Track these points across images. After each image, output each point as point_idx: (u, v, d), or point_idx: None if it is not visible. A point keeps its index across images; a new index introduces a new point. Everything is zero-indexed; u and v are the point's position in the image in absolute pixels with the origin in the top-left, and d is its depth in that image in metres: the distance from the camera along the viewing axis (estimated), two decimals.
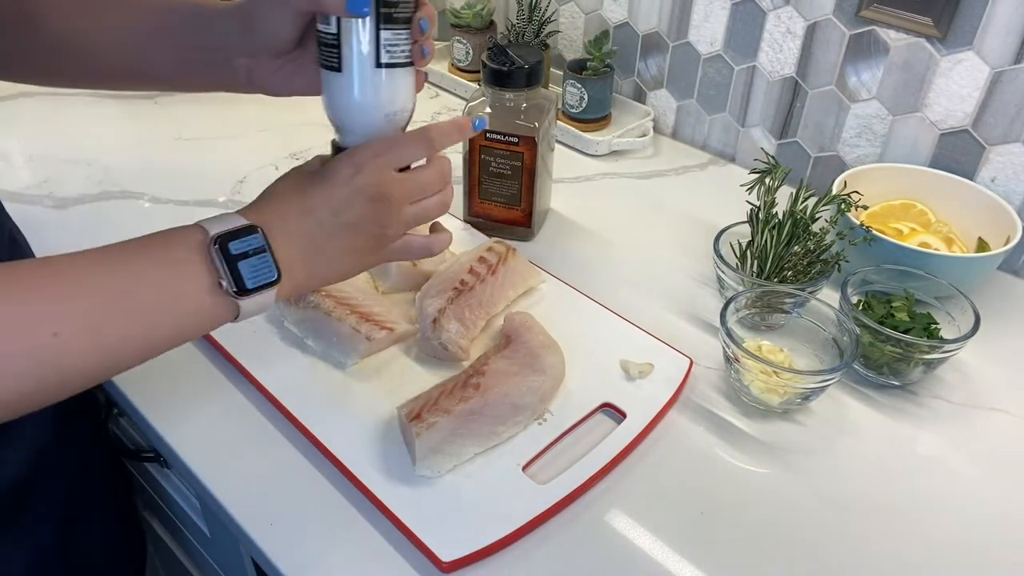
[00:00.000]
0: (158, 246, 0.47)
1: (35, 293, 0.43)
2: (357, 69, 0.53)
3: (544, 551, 0.56)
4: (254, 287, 0.48)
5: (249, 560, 0.71)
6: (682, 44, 1.03)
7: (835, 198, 0.76)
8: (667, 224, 0.92)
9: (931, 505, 0.61)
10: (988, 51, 0.79)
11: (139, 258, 0.47)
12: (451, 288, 0.71)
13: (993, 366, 0.74)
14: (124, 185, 0.95)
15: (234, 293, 0.48)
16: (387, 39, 0.53)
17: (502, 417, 0.62)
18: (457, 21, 1.14)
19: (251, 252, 0.48)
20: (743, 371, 0.67)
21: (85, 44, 0.60)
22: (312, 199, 0.52)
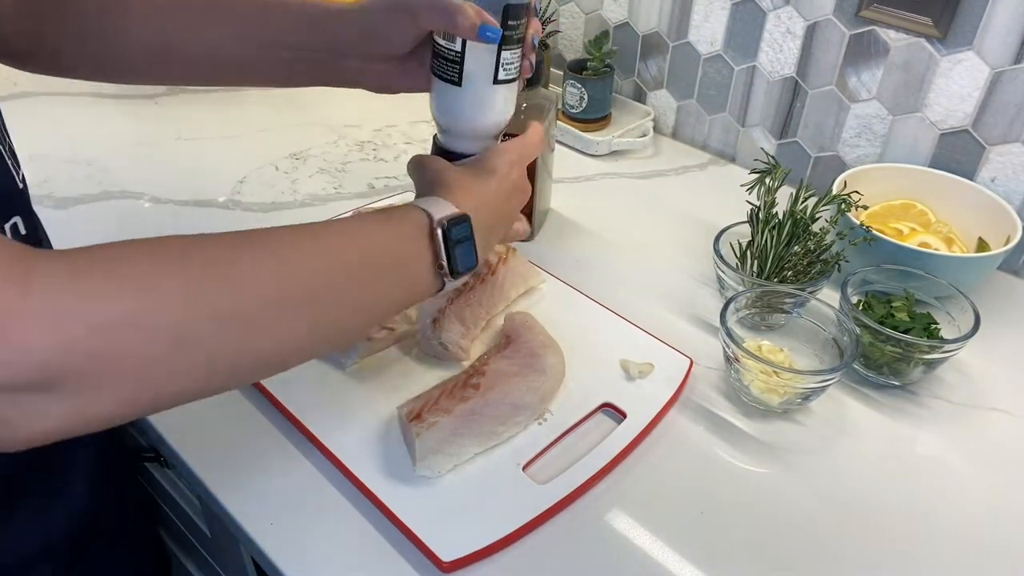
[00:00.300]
0: (393, 223, 0.50)
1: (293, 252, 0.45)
2: (476, 86, 0.56)
3: (544, 551, 0.56)
4: (463, 270, 0.52)
5: (249, 560, 0.71)
6: (682, 44, 1.03)
7: (835, 198, 0.76)
8: (667, 224, 0.92)
9: (931, 505, 0.61)
10: (988, 51, 0.79)
11: (377, 231, 0.50)
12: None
13: (993, 366, 0.74)
14: (124, 185, 0.95)
15: (448, 274, 0.51)
16: (505, 59, 0.56)
17: (502, 417, 0.62)
18: None
19: (464, 239, 0.52)
20: (743, 371, 0.67)
21: (187, 49, 0.62)
22: (487, 192, 0.56)
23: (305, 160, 1.01)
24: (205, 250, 0.41)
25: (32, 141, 1.02)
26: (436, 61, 0.57)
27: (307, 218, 0.87)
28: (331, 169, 0.99)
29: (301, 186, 0.96)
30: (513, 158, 0.59)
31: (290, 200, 0.93)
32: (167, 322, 0.38)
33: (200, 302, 0.39)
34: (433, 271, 0.51)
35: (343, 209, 0.88)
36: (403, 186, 0.96)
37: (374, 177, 0.98)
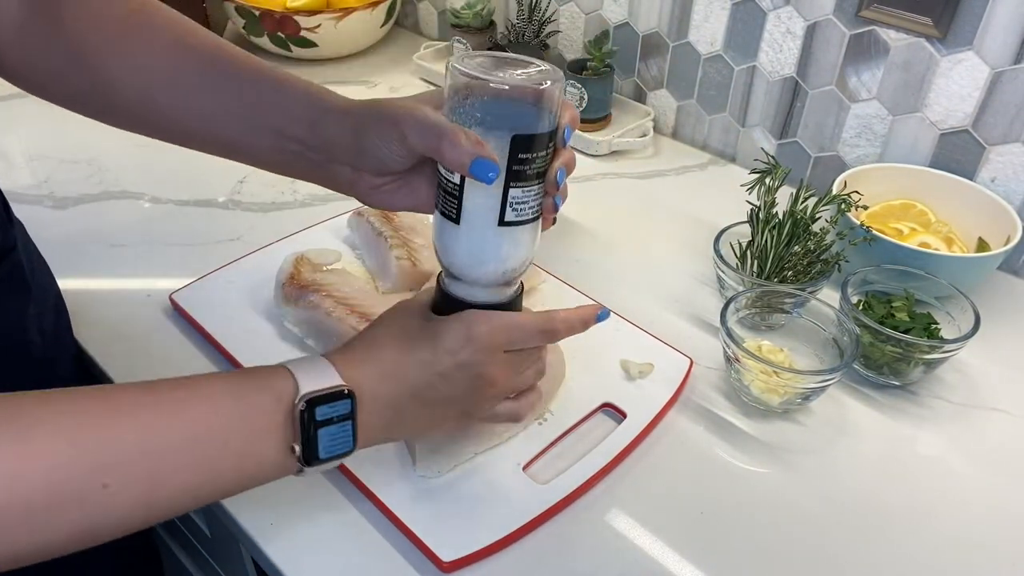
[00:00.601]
0: (249, 391, 0.44)
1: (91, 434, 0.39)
2: (478, 227, 0.48)
3: (544, 551, 0.56)
4: (326, 457, 0.45)
5: (249, 560, 0.71)
6: (682, 44, 1.03)
7: (835, 198, 0.76)
8: (667, 224, 0.92)
9: (931, 505, 0.61)
10: (988, 51, 0.79)
11: (224, 400, 0.43)
12: None
13: (993, 366, 0.74)
14: (124, 185, 0.95)
15: (303, 461, 0.44)
16: (515, 197, 0.47)
17: None
18: (457, 21, 1.14)
19: (335, 419, 0.45)
20: (743, 371, 0.67)
21: (178, 118, 0.55)
22: (412, 363, 0.48)
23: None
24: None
25: (32, 141, 1.02)
26: (438, 192, 0.49)
27: (307, 218, 0.87)
28: None
29: (301, 186, 0.96)
30: (476, 334, 0.48)
31: (290, 200, 0.93)
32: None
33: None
34: (284, 454, 0.44)
35: (343, 209, 0.88)
36: None
37: None
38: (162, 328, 0.74)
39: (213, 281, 0.77)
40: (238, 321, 0.72)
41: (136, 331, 0.73)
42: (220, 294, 0.75)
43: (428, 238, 0.80)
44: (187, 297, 0.74)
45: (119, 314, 0.75)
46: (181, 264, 0.81)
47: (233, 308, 0.74)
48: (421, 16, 1.37)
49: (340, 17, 1.18)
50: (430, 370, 0.49)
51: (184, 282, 0.76)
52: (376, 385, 0.47)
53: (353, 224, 0.83)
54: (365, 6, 1.20)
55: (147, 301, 0.76)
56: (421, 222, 0.82)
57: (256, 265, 0.78)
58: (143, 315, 0.75)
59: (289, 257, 0.75)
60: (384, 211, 0.82)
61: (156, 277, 0.80)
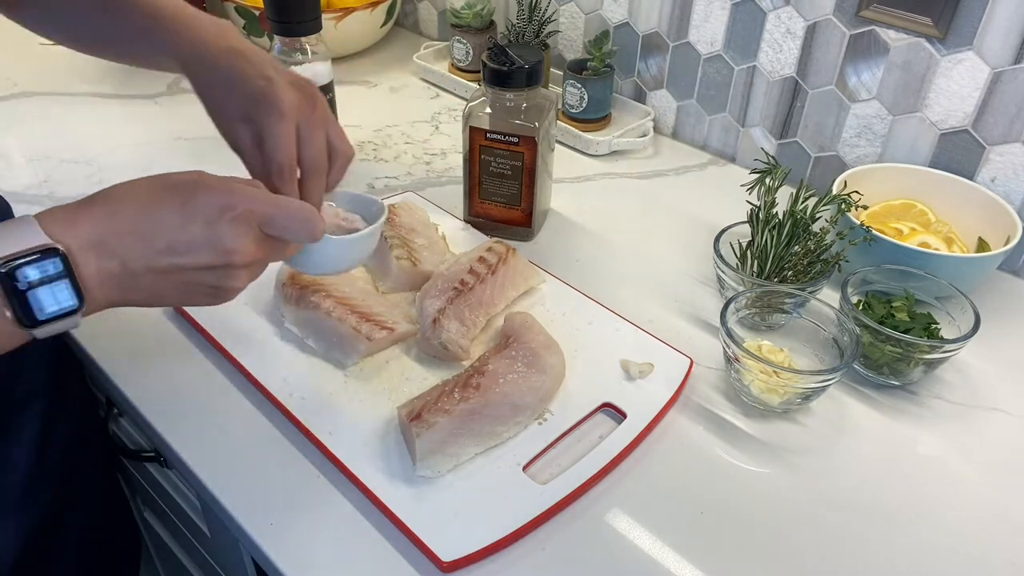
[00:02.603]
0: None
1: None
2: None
3: (544, 551, 0.56)
4: (46, 318, 0.44)
5: (249, 560, 0.71)
6: (682, 44, 1.03)
7: (835, 198, 0.76)
8: (667, 224, 0.92)
9: (931, 505, 0.61)
10: (988, 51, 0.79)
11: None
12: (451, 288, 0.71)
13: (993, 366, 0.74)
14: None
15: (22, 325, 0.43)
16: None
17: (502, 417, 0.62)
18: (457, 21, 1.14)
19: (47, 279, 0.43)
20: (743, 371, 0.67)
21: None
22: (151, 224, 0.47)
23: None
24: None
25: (32, 141, 1.02)
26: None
27: None
28: None
29: None
30: (234, 203, 0.48)
31: None
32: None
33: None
34: (2, 319, 0.43)
35: None
36: (403, 186, 0.96)
37: (374, 177, 0.98)
38: (162, 328, 0.74)
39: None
40: (238, 321, 0.72)
41: (136, 331, 0.73)
42: None
43: (428, 238, 0.80)
44: None
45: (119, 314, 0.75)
46: None
47: (233, 308, 0.74)
48: (421, 16, 1.37)
49: (340, 17, 1.18)
50: (174, 235, 0.47)
51: None
52: (100, 237, 0.45)
53: None
54: (365, 6, 1.20)
55: None
56: (421, 222, 0.82)
57: None
58: (143, 315, 0.75)
59: None
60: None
61: None
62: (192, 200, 0.48)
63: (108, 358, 0.70)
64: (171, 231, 0.47)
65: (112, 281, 0.46)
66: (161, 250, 0.47)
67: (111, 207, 0.47)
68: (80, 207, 0.47)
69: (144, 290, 0.48)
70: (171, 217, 0.47)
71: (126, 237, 0.46)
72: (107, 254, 0.45)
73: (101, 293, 0.46)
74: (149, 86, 1.15)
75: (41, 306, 0.43)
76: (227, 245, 0.48)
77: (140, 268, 0.46)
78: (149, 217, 0.47)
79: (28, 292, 0.43)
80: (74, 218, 0.46)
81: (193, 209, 0.47)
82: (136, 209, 0.47)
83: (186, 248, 0.47)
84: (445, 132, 1.09)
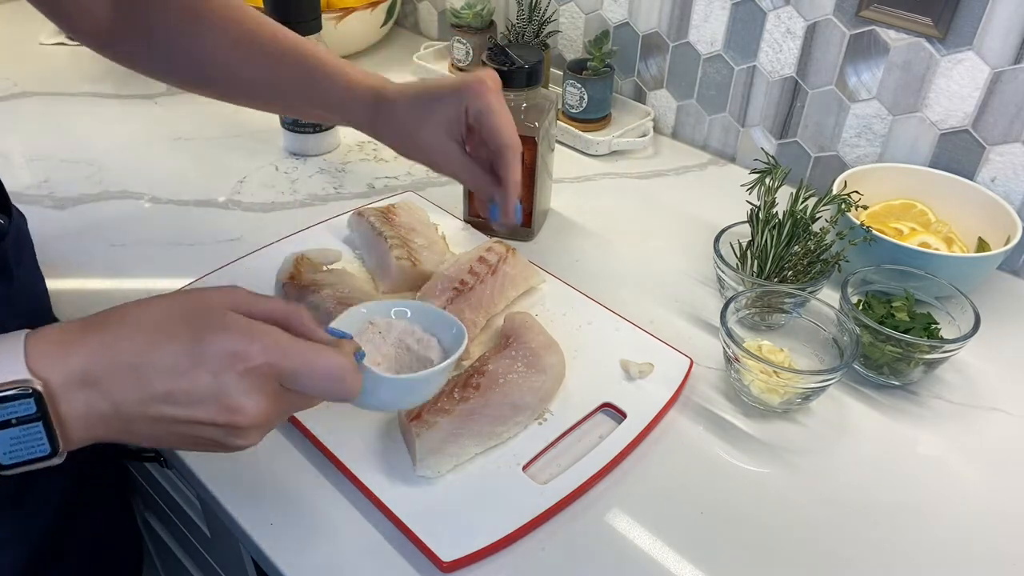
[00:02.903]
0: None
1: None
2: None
3: (544, 551, 0.56)
4: (10, 464, 0.39)
5: (249, 560, 0.71)
6: (682, 44, 1.03)
7: (835, 198, 0.76)
8: (667, 224, 0.92)
9: (931, 505, 0.61)
10: (988, 51, 0.79)
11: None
12: (451, 288, 0.71)
13: (993, 366, 0.74)
14: (124, 185, 0.95)
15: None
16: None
17: (502, 417, 0.62)
18: (457, 21, 1.14)
19: (15, 421, 0.38)
20: (743, 371, 0.67)
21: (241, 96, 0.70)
22: (152, 362, 0.41)
23: (305, 160, 1.01)
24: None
25: (32, 141, 1.02)
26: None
27: (307, 218, 0.87)
28: (331, 169, 0.99)
29: (301, 186, 0.96)
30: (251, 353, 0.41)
31: (290, 200, 0.93)
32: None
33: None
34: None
35: (343, 209, 0.88)
36: (403, 186, 0.96)
37: (374, 177, 0.98)
38: None
39: (213, 281, 0.76)
40: None
41: None
42: None
43: (428, 238, 0.80)
44: None
45: None
46: (181, 264, 0.81)
47: None
48: (421, 16, 1.37)
49: (340, 17, 1.18)
50: (178, 383, 0.41)
51: (184, 282, 0.76)
52: (88, 375, 0.40)
53: (353, 224, 0.83)
54: (365, 6, 1.20)
55: None
56: (421, 222, 0.82)
57: (256, 265, 0.78)
58: None
59: (289, 257, 0.75)
60: (384, 211, 0.82)
61: (156, 277, 0.80)
62: (203, 340, 0.41)
63: None
64: (172, 376, 0.41)
65: (100, 422, 0.41)
66: (158, 396, 0.41)
67: (112, 333, 0.41)
68: (79, 330, 0.41)
69: (137, 434, 0.43)
70: (175, 358, 0.41)
71: (122, 374, 0.40)
72: (98, 392, 0.40)
73: (85, 433, 0.41)
74: (149, 86, 1.15)
75: (4, 450, 0.39)
76: (233, 402, 0.41)
77: (134, 413, 0.41)
78: (151, 353, 0.41)
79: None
80: (67, 346, 0.40)
81: (202, 353, 0.41)
82: (140, 340, 0.41)
83: (186, 399, 0.41)
84: None
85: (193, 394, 0.41)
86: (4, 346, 0.39)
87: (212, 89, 0.70)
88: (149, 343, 0.41)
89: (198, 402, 0.41)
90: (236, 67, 0.67)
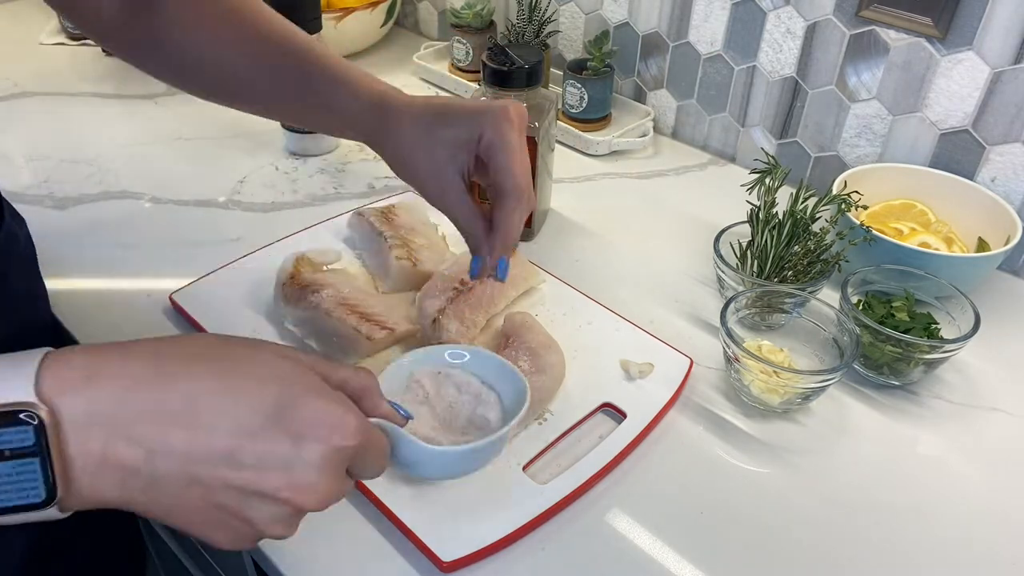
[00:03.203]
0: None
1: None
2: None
3: (544, 551, 0.56)
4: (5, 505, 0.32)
5: (249, 560, 0.71)
6: (682, 44, 1.03)
7: (835, 198, 0.76)
8: (667, 224, 0.92)
9: (931, 505, 0.61)
10: (988, 51, 0.79)
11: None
12: (451, 288, 0.71)
13: (993, 366, 0.74)
14: (124, 185, 0.95)
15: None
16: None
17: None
18: (457, 21, 1.14)
19: (8, 454, 0.31)
20: (743, 371, 0.67)
21: (243, 99, 0.66)
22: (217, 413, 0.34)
23: (305, 160, 1.01)
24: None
25: (32, 141, 1.02)
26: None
27: (307, 218, 0.87)
28: (331, 169, 0.99)
29: (301, 186, 0.96)
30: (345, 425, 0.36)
31: (290, 200, 0.93)
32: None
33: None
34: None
35: (343, 209, 0.88)
36: (403, 186, 0.96)
37: (374, 177, 0.98)
38: (162, 328, 0.74)
39: (213, 281, 0.77)
40: (238, 321, 0.72)
41: (136, 331, 0.73)
42: (220, 294, 0.75)
43: (428, 238, 0.80)
44: (187, 297, 0.74)
45: (119, 314, 0.75)
46: (181, 264, 0.81)
47: (233, 308, 0.74)
48: (421, 16, 1.37)
49: (340, 17, 1.18)
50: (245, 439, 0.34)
51: (184, 282, 0.76)
52: (113, 415, 0.33)
53: (353, 224, 0.83)
54: (365, 6, 1.20)
55: (147, 301, 0.76)
56: (421, 222, 0.82)
57: (256, 265, 0.78)
58: (143, 315, 0.75)
59: (289, 257, 0.75)
60: (384, 211, 0.82)
61: (156, 277, 0.80)
62: (294, 401, 0.35)
63: None
64: (241, 433, 0.34)
65: (116, 474, 0.34)
66: (214, 453, 0.34)
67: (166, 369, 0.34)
68: (117, 356, 0.34)
69: (156, 500, 0.35)
70: (251, 412, 0.34)
71: (168, 418, 0.34)
72: (126, 436, 0.33)
73: (92, 486, 0.33)
74: (149, 86, 1.15)
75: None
76: (308, 479, 0.35)
77: (170, 469, 0.34)
78: (219, 400, 0.34)
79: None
80: (94, 373, 0.33)
81: (290, 415, 0.35)
82: (204, 381, 0.34)
83: (253, 463, 0.34)
84: None
85: (265, 460, 0.34)
86: (16, 362, 0.33)
87: (212, 89, 0.66)
88: (220, 386, 0.34)
89: (267, 469, 0.34)
90: (235, 65, 0.63)
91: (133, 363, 0.34)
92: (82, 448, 0.33)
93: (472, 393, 0.51)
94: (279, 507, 0.36)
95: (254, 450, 0.34)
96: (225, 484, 0.34)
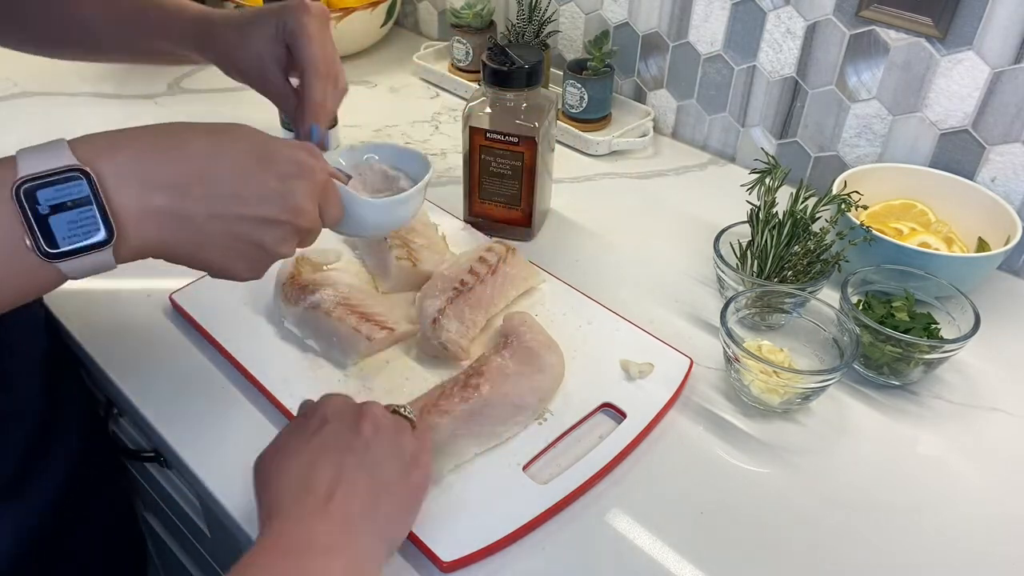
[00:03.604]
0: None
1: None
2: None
3: (544, 551, 0.56)
4: (68, 249, 0.40)
5: None
6: (682, 44, 1.03)
7: (835, 198, 0.76)
8: (667, 224, 0.92)
9: (931, 505, 0.61)
10: (988, 51, 0.79)
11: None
12: (451, 288, 0.71)
13: (993, 366, 0.74)
14: None
15: (42, 255, 0.39)
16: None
17: (502, 417, 0.62)
18: (457, 21, 1.14)
19: (70, 204, 0.39)
20: (743, 371, 0.67)
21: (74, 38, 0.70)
22: (218, 165, 0.45)
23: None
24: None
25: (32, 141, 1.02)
26: None
27: None
28: None
29: None
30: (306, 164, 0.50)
31: None
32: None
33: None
34: (18, 247, 0.39)
35: None
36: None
37: None
38: (162, 328, 0.74)
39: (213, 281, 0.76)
40: (238, 321, 0.72)
41: (136, 331, 0.73)
42: (220, 294, 0.74)
43: (428, 238, 0.80)
44: (187, 297, 0.74)
45: (119, 314, 0.75)
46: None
47: (233, 308, 0.74)
48: (421, 16, 1.37)
49: (340, 17, 1.18)
50: (244, 182, 0.45)
51: (184, 282, 0.76)
52: (143, 164, 0.42)
53: None
54: (365, 6, 1.20)
55: (147, 301, 0.76)
56: (421, 222, 0.82)
57: None
58: (143, 315, 0.75)
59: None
60: None
61: (156, 277, 0.79)
62: (270, 149, 0.47)
63: (108, 358, 0.70)
64: (240, 176, 0.45)
65: (154, 219, 0.42)
66: (225, 195, 0.45)
67: (173, 138, 0.45)
68: (133, 134, 0.44)
69: (188, 237, 0.45)
70: (244, 161, 0.46)
71: (185, 172, 0.43)
72: (156, 188, 0.42)
73: (137, 231, 0.42)
74: (149, 86, 1.15)
75: (63, 234, 0.39)
76: (298, 204, 0.47)
77: (195, 210, 0.44)
78: (218, 156, 0.45)
79: (50, 218, 0.39)
80: (115, 143, 0.42)
81: (270, 159, 0.46)
82: (203, 144, 0.45)
83: (255, 198, 0.45)
84: (445, 132, 1.09)
85: (263, 195, 0.45)
86: (48, 146, 0.41)
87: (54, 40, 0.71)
88: (215, 147, 0.45)
89: (266, 201, 0.45)
90: (74, 9, 0.67)
91: (144, 135, 0.45)
92: (123, 200, 0.41)
93: (388, 176, 0.64)
94: (282, 228, 0.47)
95: (254, 188, 0.45)
96: (238, 216, 0.45)
